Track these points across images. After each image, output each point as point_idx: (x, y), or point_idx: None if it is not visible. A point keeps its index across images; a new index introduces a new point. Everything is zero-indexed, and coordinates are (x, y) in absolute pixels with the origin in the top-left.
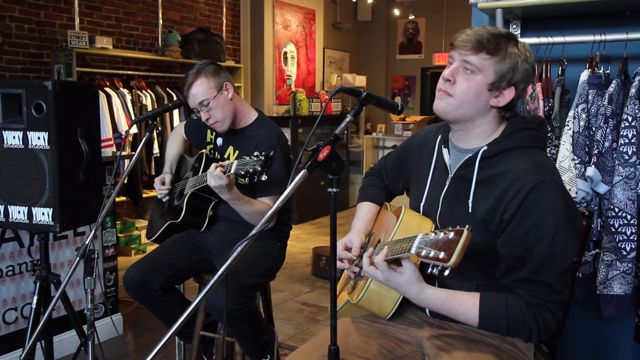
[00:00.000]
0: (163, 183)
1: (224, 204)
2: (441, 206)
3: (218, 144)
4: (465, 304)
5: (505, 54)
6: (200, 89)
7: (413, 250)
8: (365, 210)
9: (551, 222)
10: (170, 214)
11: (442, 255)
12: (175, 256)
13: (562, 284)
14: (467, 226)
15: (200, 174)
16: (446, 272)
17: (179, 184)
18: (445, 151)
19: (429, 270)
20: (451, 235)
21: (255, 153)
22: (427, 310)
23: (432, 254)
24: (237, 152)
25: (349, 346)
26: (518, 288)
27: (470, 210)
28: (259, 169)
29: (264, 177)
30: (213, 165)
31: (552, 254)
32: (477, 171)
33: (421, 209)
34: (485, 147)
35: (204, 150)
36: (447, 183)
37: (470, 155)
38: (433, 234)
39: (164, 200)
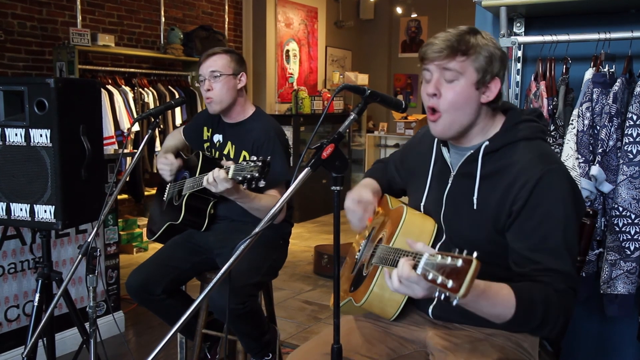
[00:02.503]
0: (167, 159)
1: (224, 204)
2: (445, 205)
3: (215, 141)
4: (501, 292)
5: (478, 48)
6: (219, 61)
7: (419, 271)
8: (366, 181)
9: (561, 209)
10: (170, 214)
11: (450, 284)
12: (177, 259)
13: (575, 270)
14: (474, 254)
15: (197, 174)
16: (454, 302)
17: (177, 183)
18: (444, 150)
19: (436, 294)
20: (459, 263)
21: (253, 158)
22: (429, 312)
23: (439, 280)
24: (234, 146)
25: (352, 345)
26: (541, 276)
27: (475, 207)
28: (257, 175)
29: (262, 184)
30: (211, 173)
31: (565, 242)
32: (480, 167)
33: (422, 209)
34: (487, 142)
35: (206, 152)
36: (450, 181)
37: (472, 151)
38: (440, 257)
39: (166, 192)
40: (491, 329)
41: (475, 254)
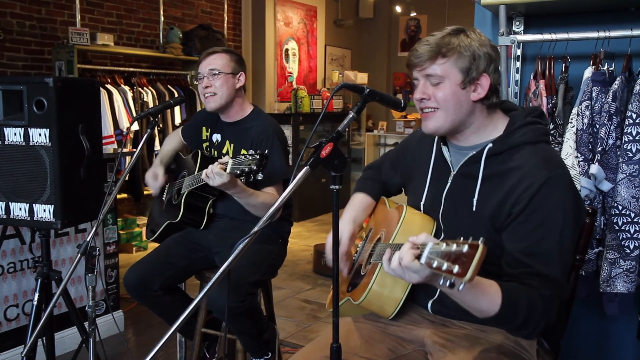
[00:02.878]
0: (156, 178)
1: (223, 202)
2: (444, 204)
3: (214, 141)
4: (489, 289)
5: (459, 48)
6: (219, 60)
7: (423, 260)
8: (357, 200)
9: (560, 217)
10: (169, 213)
11: (456, 269)
12: (175, 255)
13: (566, 277)
14: (481, 239)
15: (196, 172)
16: (461, 287)
17: (176, 182)
18: (444, 149)
19: (441, 282)
20: (465, 248)
21: (251, 152)
22: (429, 307)
23: (445, 267)
24: (232, 145)
25: (351, 347)
26: (529, 280)
27: (474, 209)
28: (254, 168)
29: (259, 176)
30: (211, 166)
31: (559, 249)
32: (482, 168)
33: (422, 207)
34: (491, 145)
35: (205, 151)
36: (450, 180)
37: (474, 152)
38: (444, 245)
39: (156, 195)
40: (489, 325)
41: (481, 239)
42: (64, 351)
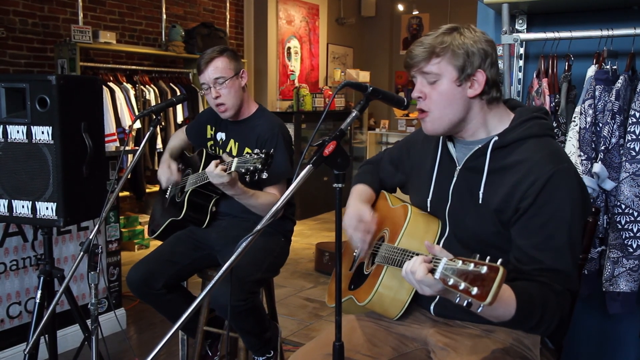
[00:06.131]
0: (171, 172)
1: (226, 200)
2: (451, 199)
3: (218, 139)
4: (503, 295)
5: (452, 47)
6: (221, 65)
7: (437, 275)
8: (359, 189)
9: (568, 210)
10: (172, 211)
11: (475, 291)
12: (178, 254)
13: (576, 270)
14: (499, 260)
15: (200, 171)
16: (479, 309)
17: (180, 181)
18: (450, 145)
19: (457, 300)
20: (484, 270)
21: (256, 150)
22: (431, 309)
23: (462, 287)
24: (237, 143)
25: (353, 344)
26: (541, 276)
27: (480, 202)
28: (259, 167)
29: (264, 175)
30: (213, 163)
31: (569, 242)
32: (488, 161)
33: (428, 204)
34: (496, 138)
35: (209, 149)
36: (456, 175)
37: (480, 146)
38: (461, 263)
39: (165, 188)
40: (492, 325)
41: (500, 261)
42: (66, 349)
